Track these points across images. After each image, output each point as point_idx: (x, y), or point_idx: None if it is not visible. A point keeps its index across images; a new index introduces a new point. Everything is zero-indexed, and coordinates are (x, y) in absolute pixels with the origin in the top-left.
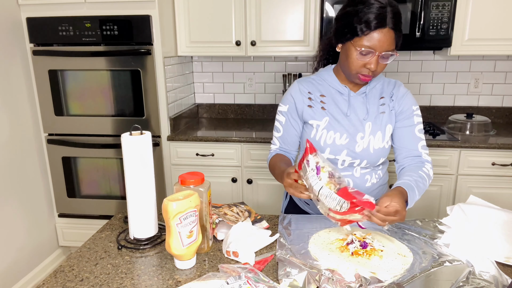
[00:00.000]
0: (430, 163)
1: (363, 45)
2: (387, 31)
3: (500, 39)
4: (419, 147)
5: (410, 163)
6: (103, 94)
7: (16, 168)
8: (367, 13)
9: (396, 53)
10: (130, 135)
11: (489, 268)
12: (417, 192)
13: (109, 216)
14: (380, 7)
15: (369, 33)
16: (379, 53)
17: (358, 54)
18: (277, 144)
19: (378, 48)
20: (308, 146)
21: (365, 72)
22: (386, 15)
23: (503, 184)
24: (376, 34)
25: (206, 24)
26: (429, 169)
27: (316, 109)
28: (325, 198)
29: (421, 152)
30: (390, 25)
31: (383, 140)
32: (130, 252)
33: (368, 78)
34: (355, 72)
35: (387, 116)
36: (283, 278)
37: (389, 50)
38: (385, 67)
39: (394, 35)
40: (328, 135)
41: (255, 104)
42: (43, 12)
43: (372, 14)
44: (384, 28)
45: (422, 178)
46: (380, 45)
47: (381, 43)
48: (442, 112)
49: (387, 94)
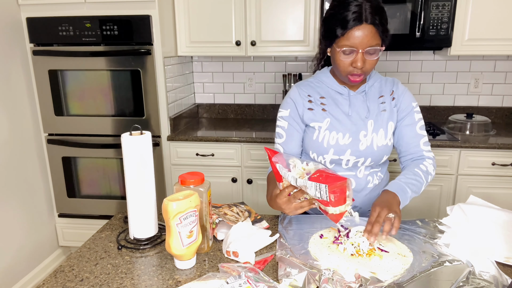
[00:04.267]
0: (431, 159)
1: (344, 44)
2: (365, 27)
3: (500, 39)
4: (421, 144)
5: (411, 163)
6: (103, 94)
7: (16, 168)
8: (343, 13)
9: (382, 47)
10: (130, 135)
11: (489, 268)
12: (409, 190)
13: (109, 216)
14: (356, 5)
15: (347, 32)
16: (362, 50)
17: (342, 55)
18: (280, 151)
19: (359, 45)
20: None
21: (354, 72)
22: (362, 12)
23: (503, 184)
24: (355, 32)
25: (206, 24)
26: (427, 165)
27: (316, 111)
28: (306, 189)
29: (423, 150)
30: (368, 20)
31: (386, 137)
32: (130, 252)
33: (358, 78)
34: (345, 74)
35: (388, 113)
36: (283, 278)
37: (372, 46)
38: (374, 63)
39: (374, 30)
40: (330, 136)
41: (255, 104)
42: (43, 12)
43: (349, 13)
44: (361, 25)
45: (416, 175)
46: (360, 41)
47: (361, 39)
48: (442, 112)
49: (387, 92)
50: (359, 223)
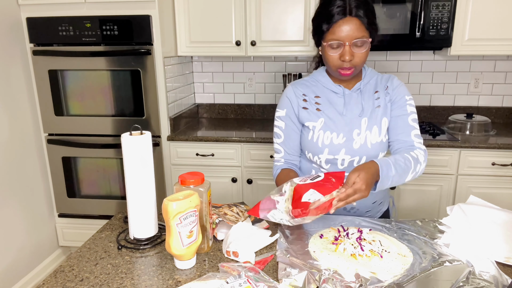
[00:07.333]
0: (423, 151)
1: (331, 38)
2: (349, 19)
3: (500, 39)
4: (412, 134)
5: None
6: (103, 94)
7: (16, 168)
8: (328, 10)
9: (369, 38)
10: (130, 135)
11: (489, 268)
12: (393, 170)
13: (109, 216)
14: (340, 0)
15: (332, 25)
16: (349, 43)
17: (330, 49)
18: (281, 152)
19: (345, 38)
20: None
21: (343, 65)
22: (346, 6)
23: (503, 184)
24: (339, 25)
25: (206, 24)
26: (418, 153)
27: (311, 111)
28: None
29: (414, 140)
30: (352, 13)
31: (380, 134)
32: (130, 252)
33: (349, 71)
34: (335, 68)
35: (383, 109)
36: (283, 278)
37: (358, 38)
38: (364, 55)
39: (359, 22)
40: (325, 135)
41: (255, 104)
42: (43, 12)
43: (333, 7)
44: (345, 17)
45: (405, 158)
46: (346, 35)
47: (347, 32)
48: (442, 112)
49: (381, 87)
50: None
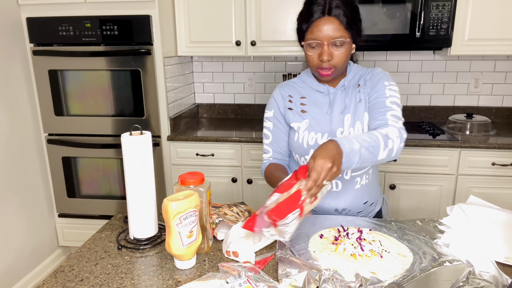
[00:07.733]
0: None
1: (309, 38)
2: (327, 19)
3: (500, 39)
4: (388, 114)
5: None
6: (103, 94)
7: (16, 168)
8: (307, 10)
9: (347, 38)
10: (130, 135)
11: (489, 268)
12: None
13: (109, 216)
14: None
15: (311, 25)
16: (327, 42)
17: (309, 48)
18: (269, 152)
19: (323, 38)
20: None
21: (322, 65)
22: (325, 6)
23: (503, 184)
24: (317, 24)
25: (206, 24)
26: (388, 130)
27: (296, 112)
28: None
29: (388, 119)
30: (331, 13)
31: (363, 129)
32: (130, 252)
33: (328, 72)
34: (315, 68)
35: (364, 103)
36: (283, 278)
37: (336, 38)
38: (344, 56)
39: (337, 22)
40: (309, 136)
41: (255, 104)
42: (43, 12)
43: (313, 6)
44: (323, 17)
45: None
46: (324, 34)
47: (325, 32)
48: (442, 112)
49: (363, 81)
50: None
